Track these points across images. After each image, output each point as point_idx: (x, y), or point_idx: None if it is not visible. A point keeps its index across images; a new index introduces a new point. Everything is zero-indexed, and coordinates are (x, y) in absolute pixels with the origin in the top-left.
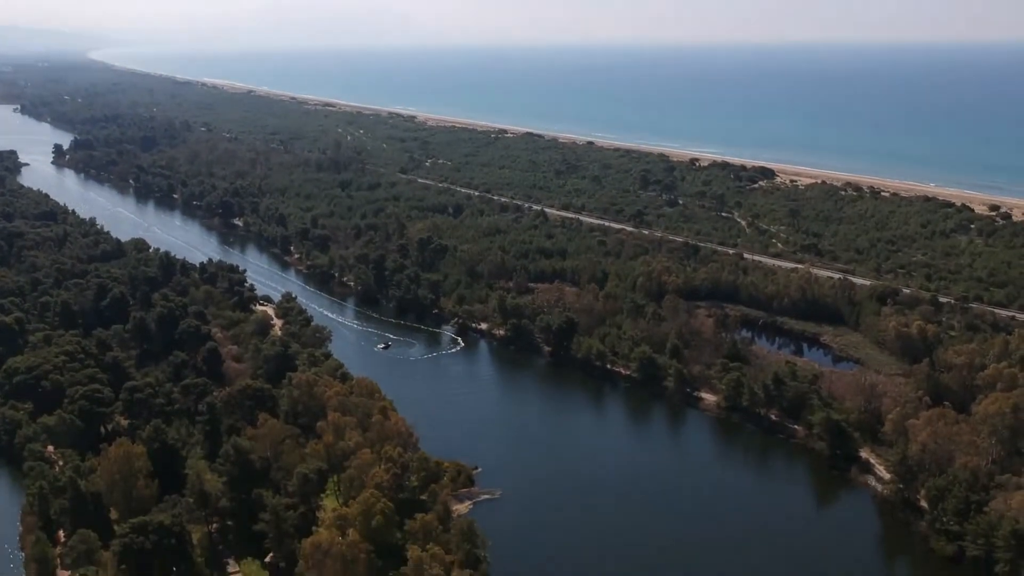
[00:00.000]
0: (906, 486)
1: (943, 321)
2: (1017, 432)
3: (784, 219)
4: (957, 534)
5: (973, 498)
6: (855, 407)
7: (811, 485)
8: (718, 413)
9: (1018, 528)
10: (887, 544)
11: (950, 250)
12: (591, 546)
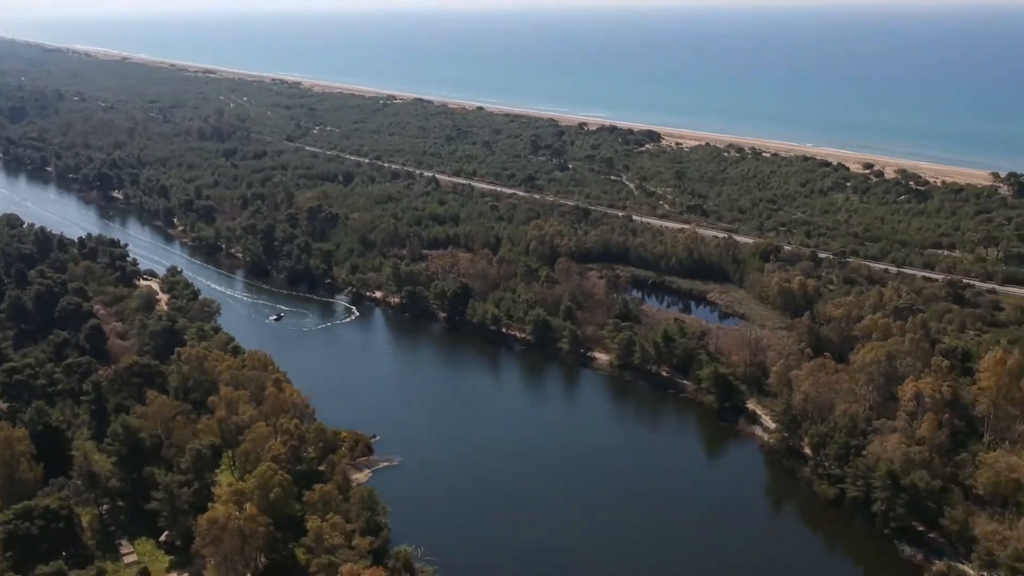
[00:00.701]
0: (790, 434)
1: (822, 276)
2: (891, 379)
3: (670, 181)
4: (838, 477)
5: (852, 443)
6: (741, 361)
7: (701, 437)
8: (611, 372)
9: (893, 469)
10: (774, 490)
11: (828, 207)
12: (493, 507)
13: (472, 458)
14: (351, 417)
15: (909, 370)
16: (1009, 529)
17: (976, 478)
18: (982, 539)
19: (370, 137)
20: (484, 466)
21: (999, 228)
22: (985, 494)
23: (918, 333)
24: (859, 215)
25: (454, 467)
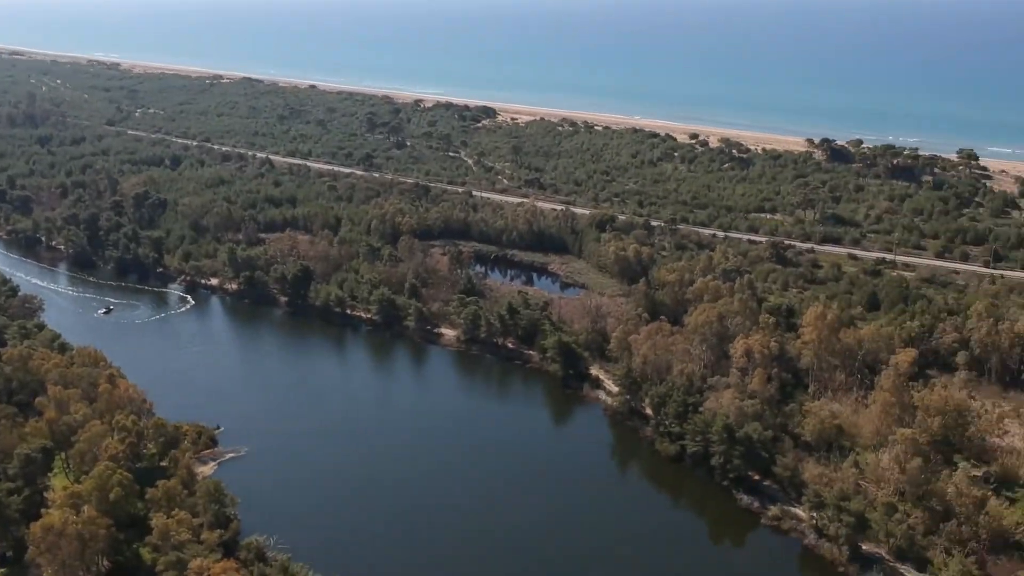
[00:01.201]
0: (632, 396)
1: (655, 243)
2: (723, 338)
3: (508, 156)
4: (678, 435)
5: (690, 400)
6: (583, 328)
7: (548, 404)
8: (458, 347)
9: (728, 423)
10: (619, 450)
11: (658, 177)
12: (345, 489)
13: (322, 442)
14: (193, 410)
15: (739, 329)
16: (834, 472)
17: (803, 426)
18: (811, 483)
19: (197, 119)
20: (334, 449)
21: (815, 191)
22: (812, 441)
23: (746, 293)
24: (687, 183)
25: (303, 453)
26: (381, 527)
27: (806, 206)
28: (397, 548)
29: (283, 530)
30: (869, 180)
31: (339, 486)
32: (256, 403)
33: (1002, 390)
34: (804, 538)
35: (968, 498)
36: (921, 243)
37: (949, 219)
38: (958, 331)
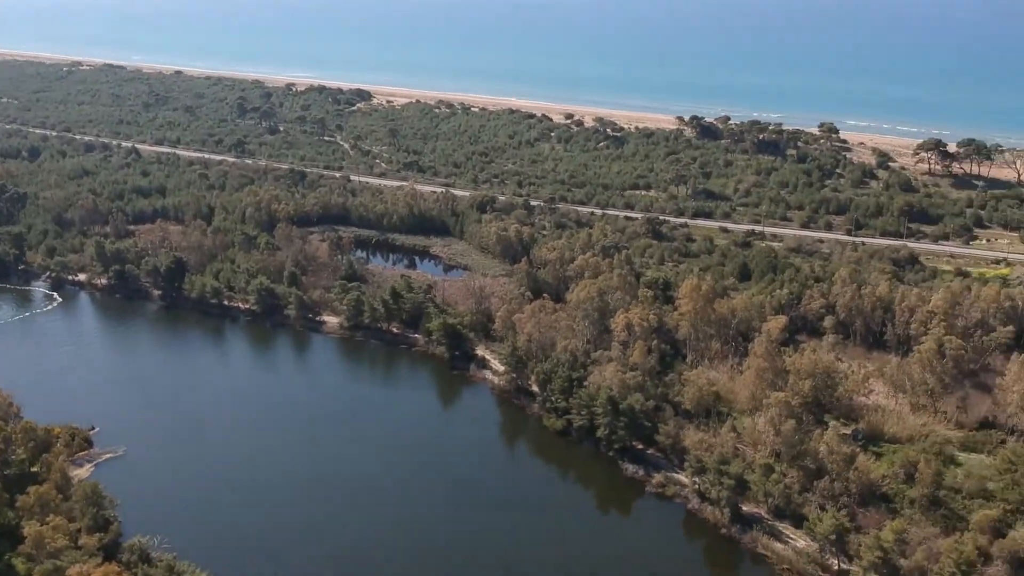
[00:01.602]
0: (518, 374)
1: (535, 222)
2: (604, 313)
3: (385, 139)
4: (564, 409)
5: (574, 375)
6: (468, 310)
7: (436, 387)
8: (342, 333)
9: (612, 395)
10: (507, 427)
11: (536, 157)
12: (230, 485)
13: (204, 437)
14: (65, 412)
15: (619, 303)
16: (713, 437)
17: (683, 395)
18: (692, 449)
19: (56, 108)
20: (217, 444)
21: (686, 167)
22: (691, 408)
23: (624, 269)
24: (564, 163)
25: (185, 449)
26: (268, 521)
27: (678, 182)
28: (285, 541)
29: (167, 529)
30: (737, 155)
31: (223, 481)
32: (133, 401)
33: (866, 351)
34: (687, 502)
35: (838, 455)
36: (787, 215)
37: (813, 191)
38: (824, 297)
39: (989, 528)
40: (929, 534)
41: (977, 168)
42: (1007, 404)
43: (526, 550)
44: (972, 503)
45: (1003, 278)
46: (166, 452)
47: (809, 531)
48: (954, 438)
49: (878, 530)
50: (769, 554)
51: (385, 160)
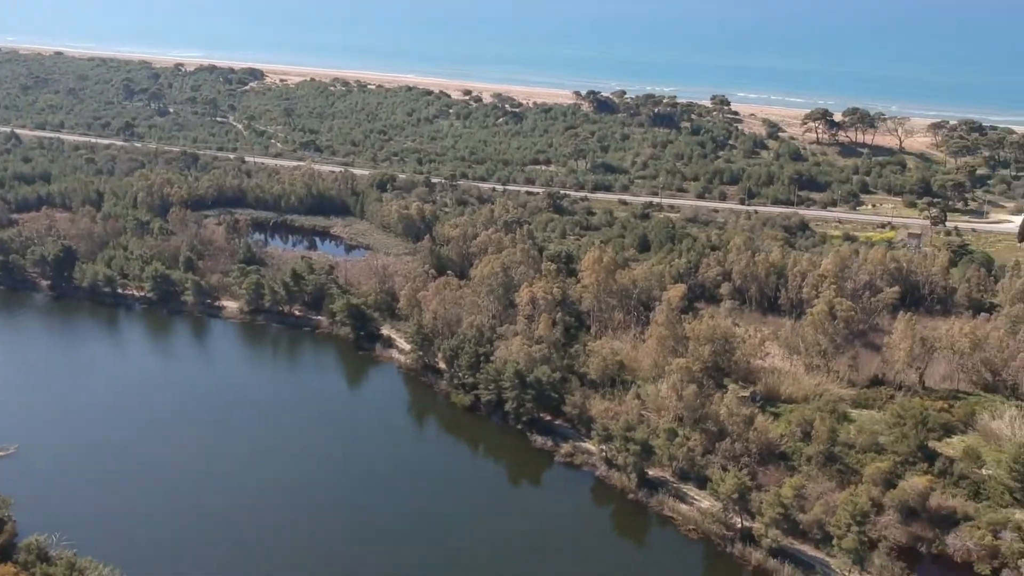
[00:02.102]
0: (425, 352)
1: (437, 200)
2: (509, 287)
3: (280, 119)
4: (472, 385)
5: (481, 351)
6: (371, 289)
7: (343, 369)
8: (243, 318)
9: (519, 369)
10: (415, 406)
11: (435, 134)
12: (129, 479)
13: (101, 431)
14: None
15: (523, 277)
16: (619, 405)
17: (588, 365)
18: (598, 418)
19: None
20: (115, 437)
21: (584, 141)
22: (597, 378)
23: (527, 243)
24: (464, 139)
25: (81, 444)
26: (170, 512)
27: (577, 156)
28: (189, 532)
29: (66, 526)
30: (634, 129)
31: (123, 474)
32: (24, 397)
33: (762, 316)
34: (596, 470)
35: (738, 417)
36: (683, 186)
37: (707, 162)
38: (721, 265)
39: (881, 480)
40: (826, 489)
41: (862, 136)
42: (895, 361)
43: (439, 525)
44: (865, 457)
45: (888, 241)
46: (61, 448)
47: (713, 491)
48: (846, 396)
49: (778, 487)
50: (675, 516)
51: (281, 140)
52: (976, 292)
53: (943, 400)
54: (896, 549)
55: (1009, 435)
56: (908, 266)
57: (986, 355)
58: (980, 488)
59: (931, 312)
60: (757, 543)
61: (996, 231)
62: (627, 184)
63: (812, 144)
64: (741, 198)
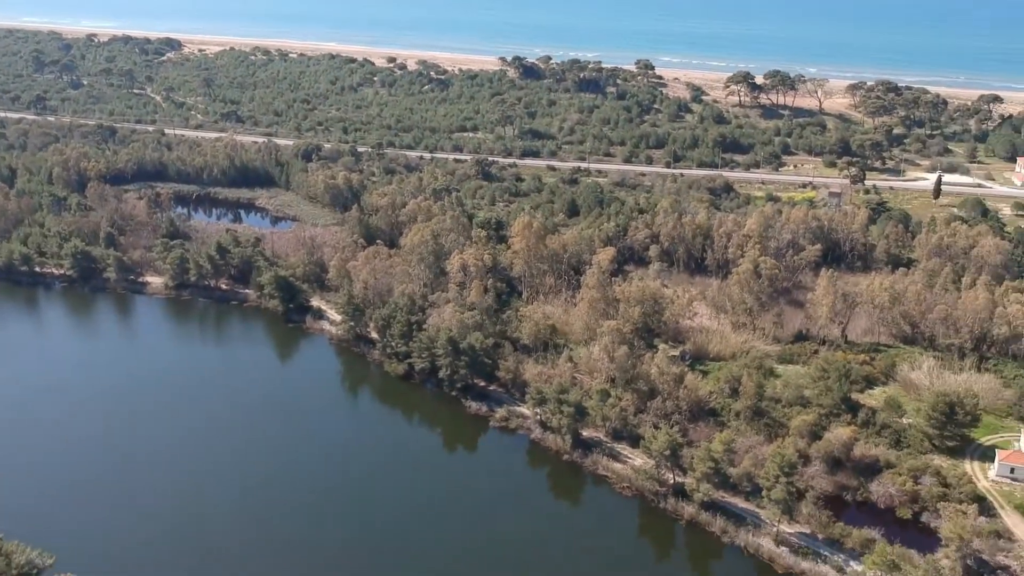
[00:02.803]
0: (356, 323)
1: (364, 169)
2: (439, 255)
3: (199, 89)
4: (405, 354)
5: (413, 319)
6: (299, 261)
7: (272, 342)
8: (168, 293)
9: (451, 336)
10: (348, 376)
11: (360, 103)
12: (52, 457)
13: (17, 415)
14: None
15: (453, 245)
16: (552, 368)
17: (520, 331)
18: (532, 382)
19: None
20: (42, 418)
21: (511, 108)
22: (529, 343)
23: (456, 210)
24: (390, 108)
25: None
26: (94, 489)
27: (505, 123)
28: (116, 508)
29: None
30: (560, 94)
31: (45, 454)
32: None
33: (689, 277)
34: (531, 433)
35: (669, 376)
36: (610, 150)
37: (633, 126)
38: (648, 228)
39: (807, 432)
40: (754, 442)
41: (783, 98)
42: (818, 317)
43: (377, 493)
44: (791, 410)
45: (810, 201)
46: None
47: (645, 449)
48: (772, 352)
49: (708, 443)
50: (609, 474)
51: (201, 112)
52: (894, 248)
53: (865, 353)
54: (822, 498)
55: (927, 385)
56: (829, 224)
57: (905, 308)
58: (901, 437)
59: (852, 268)
60: (689, 497)
61: (912, 188)
62: (555, 150)
63: (735, 107)
64: (667, 161)
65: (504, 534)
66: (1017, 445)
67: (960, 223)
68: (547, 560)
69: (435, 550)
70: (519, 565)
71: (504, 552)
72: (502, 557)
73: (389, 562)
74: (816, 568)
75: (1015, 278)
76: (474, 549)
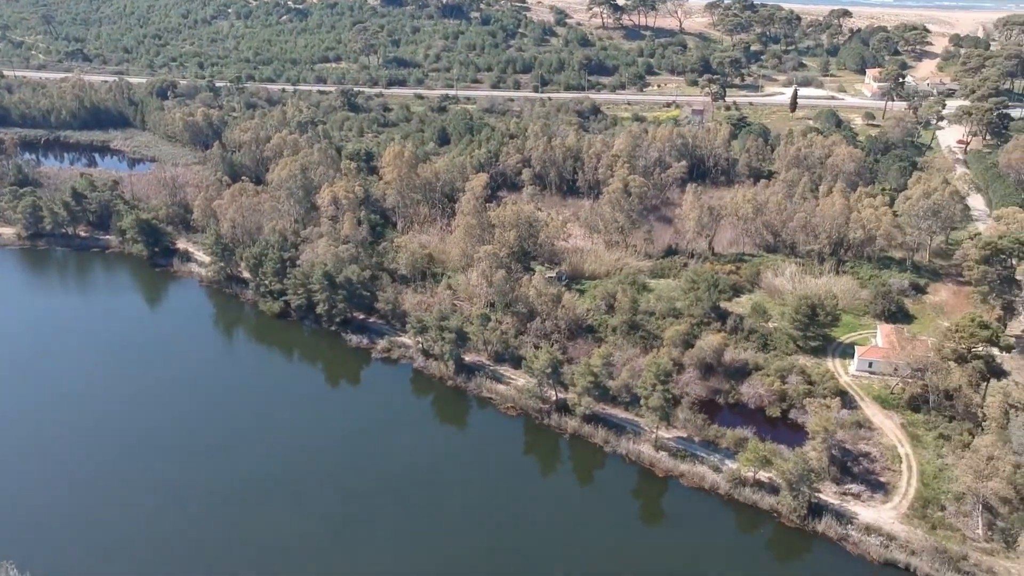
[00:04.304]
0: (226, 263)
1: (224, 105)
2: (309, 189)
3: (39, 27)
4: (280, 291)
5: (286, 256)
6: (162, 203)
7: (139, 288)
8: (21, 244)
9: (327, 270)
10: (223, 318)
11: (215, 36)
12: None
13: None
14: None
15: (322, 178)
16: (431, 297)
17: (397, 261)
18: (412, 311)
19: None
20: None
21: (375, 36)
22: (407, 273)
23: (323, 143)
24: (247, 40)
25: None
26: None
27: (368, 52)
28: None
29: None
30: (424, 21)
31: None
32: None
33: (562, 199)
34: (414, 362)
35: (546, 297)
36: (478, 76)
37: (499, 52)
38: (520, 152)
39: (680, 341)
40: (631, 355)
41: (644, 19)
42: (686, 232)
43: (261, 434)
44: (664, 322)
45: (674, 119)
46: None
47: (527, 369)
48: (644, 268)
49: (587, 358)
50: (494, 396)
51: (42, 51)
52: (755, 161)
53: (731, 263)
54: (697, 403)
55: (790, 289)
56: (693, 141)
57: (767, 218)
58: (767, 340)
59: (716, 183)
60: (572, 412)
61: (770, 103)
62: (422, 78)
63: (598, 29)
64: (535, 86)
65: (393, 463)
66: (874, 341)
67: (816, 134)
68: (437, 483)
69: (325, 486)
70: (409, 491)
71: (394, 480)
72: (392, 486)
73: (279, 503)
74: (694, 469)
75: (868, 184)
76: (364, 482)
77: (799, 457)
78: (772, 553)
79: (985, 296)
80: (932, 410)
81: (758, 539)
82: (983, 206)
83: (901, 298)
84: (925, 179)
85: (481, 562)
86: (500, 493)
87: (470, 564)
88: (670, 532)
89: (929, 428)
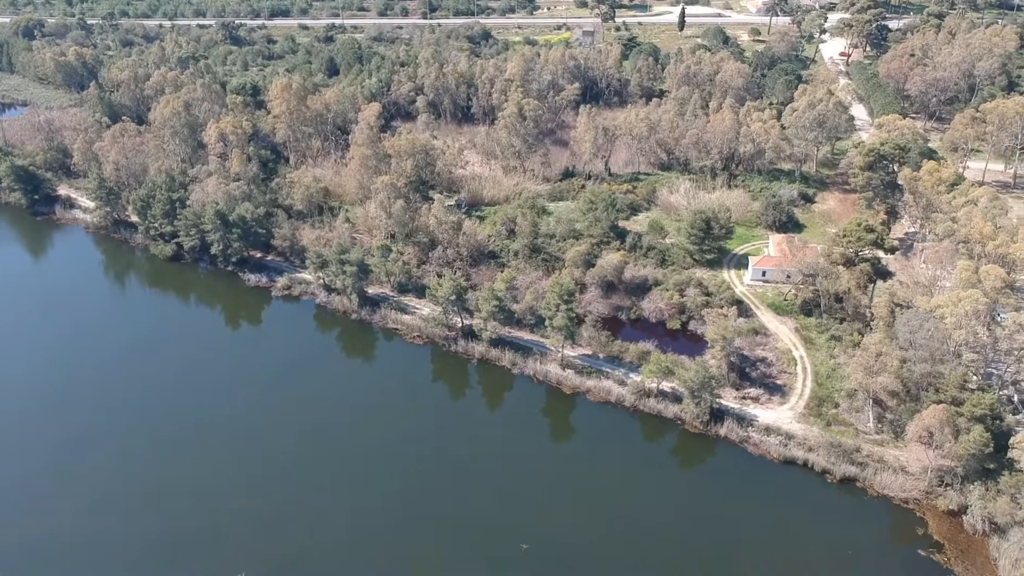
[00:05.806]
0: (112, 207)
1: (98, 43)
2: (194, 127)
3: None
4: (171, 234)
5: (175, 197)
6: (38, 148)
7: (21, 238)
8: None
9: (219, 209)
10: (112, 264)
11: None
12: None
13: None
14: None
15: (208, 115)
16: (330, 232)
17: (292, 197)
18: (310, 247)
19: None
20: None
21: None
22: (303, 208)
23: (207, 78)
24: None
25: None
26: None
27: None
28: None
29: None
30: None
31: None
32: None
33: (457, 126)
34: (316, 298)
35: (447, 225)
36: (364, 4)
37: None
38: (412, 81)
39: (581, 262)
40: (534, 278)
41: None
42: (582, 153)
43: (163, 380)
44: (565, 244)
45: (566, 42)
46: None
47: (432, 298)
48: (543, 191)
49: (491, 284)
50: (399, 327)
51: None
52: (647, 80)
53: (627, 183)
54: (600, 320)
55: (685, 205)
56: (585, 63)
57: (660, 137)
58: (665, 256)
59: (610, 104)
60: (478, 337)
61: (659, 23)
62: (306, 8)
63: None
64: (423, 12)
65: (300, 398)
66: (766, 251)
67: (704, 52)
68: (346, 413)
69: (234, 428)
70: (319, 424)
71: (303, 414)
72: (302, 421)
73: (188, 448)
74: (600, 384)
75: (756, 99)
76: (272, 420)
77: (700, 366)
78: (678, 458)
79: (870, 201)
80: (823, 313)
81: (664, 446)
82: (865, 115)
83: (791, 208)
84: (810, 91)
85: (394, 490)
86: (411, 421)
87: (384, 494)
88: (580, 446)
89: (821, 331)
